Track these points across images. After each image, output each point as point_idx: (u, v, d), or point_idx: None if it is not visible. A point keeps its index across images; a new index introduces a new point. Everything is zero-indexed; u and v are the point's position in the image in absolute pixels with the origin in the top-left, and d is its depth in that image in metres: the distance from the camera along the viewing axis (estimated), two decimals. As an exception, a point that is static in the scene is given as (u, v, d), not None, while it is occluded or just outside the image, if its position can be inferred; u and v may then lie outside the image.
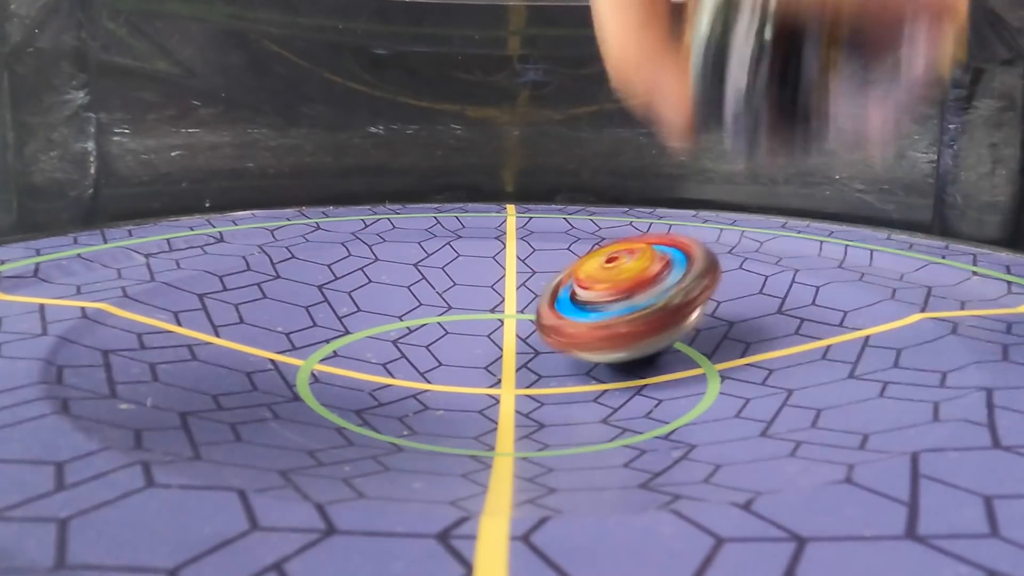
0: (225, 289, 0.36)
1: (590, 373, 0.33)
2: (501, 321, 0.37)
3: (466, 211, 0.53)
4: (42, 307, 0.31)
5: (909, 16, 0.16)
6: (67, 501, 0.18)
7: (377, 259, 0.41)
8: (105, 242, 0.42)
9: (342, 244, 0.42)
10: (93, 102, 0.53)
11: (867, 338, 0.32)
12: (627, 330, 0.29)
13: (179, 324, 0.32)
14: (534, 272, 0.42)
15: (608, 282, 0.30)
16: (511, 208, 0.54)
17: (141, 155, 0.55)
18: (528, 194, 0.61)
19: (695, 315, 0.30)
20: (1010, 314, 0.32)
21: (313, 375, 0.31)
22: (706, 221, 0.51)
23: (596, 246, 0.41)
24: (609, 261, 0.31)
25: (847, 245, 0.44)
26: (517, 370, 0.33)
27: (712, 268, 0.31)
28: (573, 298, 0.31)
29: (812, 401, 0.28)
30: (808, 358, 0.32)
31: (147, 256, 0.39)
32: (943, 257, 0.42)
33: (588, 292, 0.30)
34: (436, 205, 0.55)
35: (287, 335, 0.34)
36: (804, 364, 0.31)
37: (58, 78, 0.52)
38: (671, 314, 0.29)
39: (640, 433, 0.27)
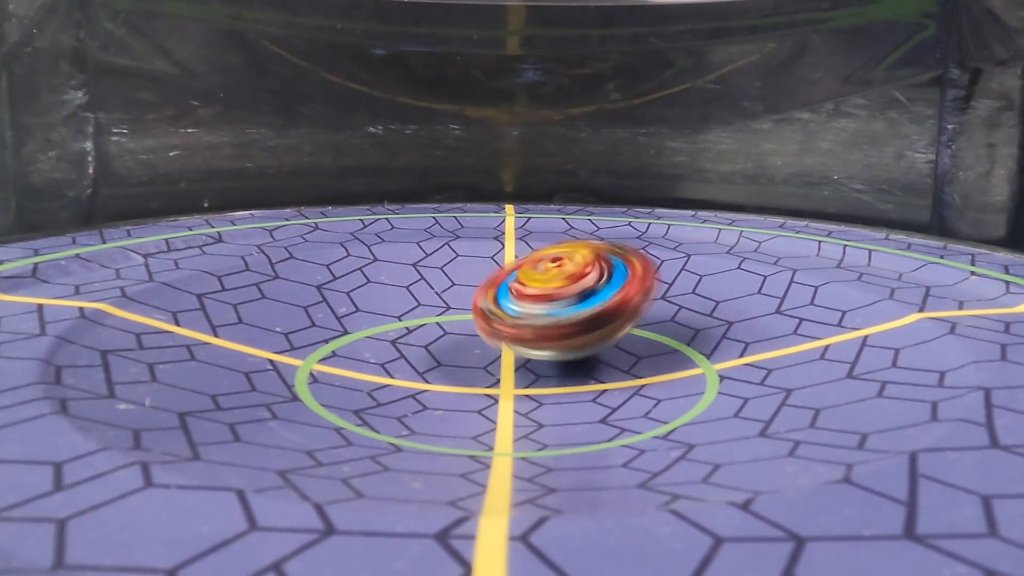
0: (224, 289, 0.36)
1: (589, 373, 0.33)
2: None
3: (465, 211, 0.53)
4: (40, 307, 0.31)
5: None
6: (66, 501, 0.18)
7: (376, 259, 0.41)
8: (103, 242, 0.42)
9: (341, 244, 0.42)
10: (91, 102, 0.53)
11: (865, 338, 0.32)
12: (534, 335, 0.30)
13: (178, 324, 0.32)
14: (533, 272, 0.42)
15: (540, 284, 0.31)
16: (510, 208, 0.54)
17: (139, 155, 0.55)
18: (526, 194, 0.61)
19: (620, 331, 0.31)
20: (1008, 314, 0.33)
21: (312, 375, 0.31)
22: (704, 221, 0.51)
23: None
24: (554, 261, 0.32)
25: (845, 245, 0.44)
26: (516, 370, 0.33)
27: (639, 290, 0.31)
28: (511, 292, 0.32)
29: (811, 401, 0.28)
30: (807, 358, 0.32)
31: (145, 256, 0.39)
32: (941, 257, 0.42)
33: (520, 296, 0.32)
34: (435, 205, 0.55)
35: (286, 335, 0.34)
36: (803, 364, 0.31)
37: (56, 78, 0.52)
38: (586, 325, 0.30)
39: (639, 433, 0.27)
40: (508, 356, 0.34)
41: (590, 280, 0.31)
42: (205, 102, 0.56)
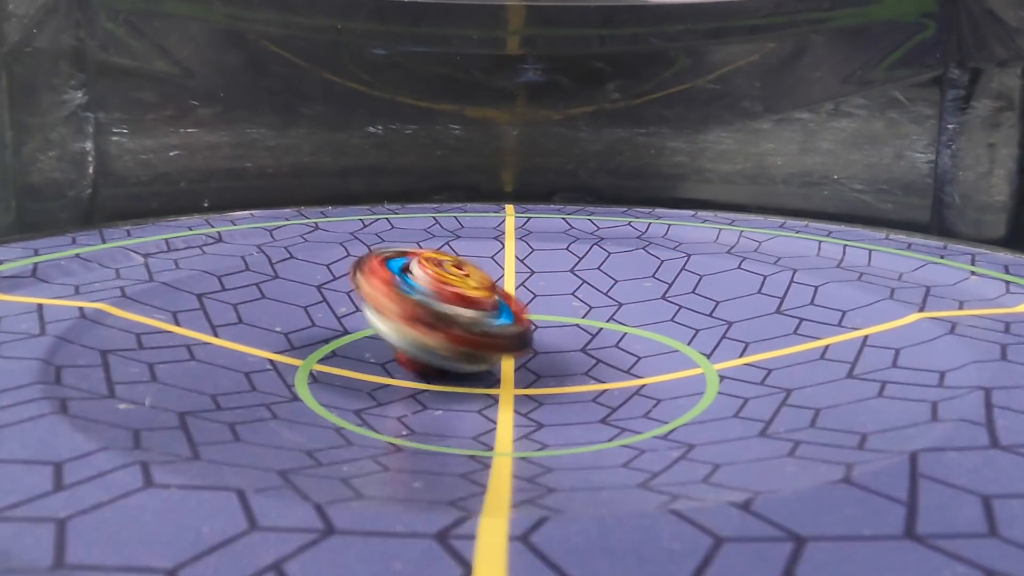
0: (224, 289, 0.36)
1: (589, 373, 0.33)
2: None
3: (465, 211, 0.53)
4: (40, 307, 0.31)
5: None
6: (66, 501, 0.18)
7: (376, 259, 0.41)
8: (103, 242, 0.42)
9: (341, 244, 0.42)
10: (91, 102, 0.53)
11: (865, 338, 0.32)
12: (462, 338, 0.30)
13: (178, 324, 0.32)
14: (533, 272, 0.42)
15: (452, 283, 0.31)
16: (510, 208, 0.54)
17: (139, 155, 0.55)
18: (526, 194, 0.61)
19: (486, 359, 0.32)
20: (1008, 313, 0.33)
21: (312, 375, 0.31)
22: (705, 221, 0.51)
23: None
24: (458, 267, 0.32)
25: (846, 245, 0.44)
26: (516, 370, 0.33)
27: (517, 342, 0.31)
28: (405, 271, 0.31)
29: (811, 401, 0.28)
30: (807, 358, 0.32)
31: (145, 256, 0.39)
32: (941, 257, 0.42)
33: (427, 279, 0.31)
34: (435, 205, 0.55)
35: (286, 335, 0.34)
36: (803, 364, 0.31)
37: (56, 78, 0.52)
38: (478, 341, 0.30)
39: (639, 433, 0.27)
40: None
41: (494, 298, 0.32)
42: (205, 102, 0.56)
